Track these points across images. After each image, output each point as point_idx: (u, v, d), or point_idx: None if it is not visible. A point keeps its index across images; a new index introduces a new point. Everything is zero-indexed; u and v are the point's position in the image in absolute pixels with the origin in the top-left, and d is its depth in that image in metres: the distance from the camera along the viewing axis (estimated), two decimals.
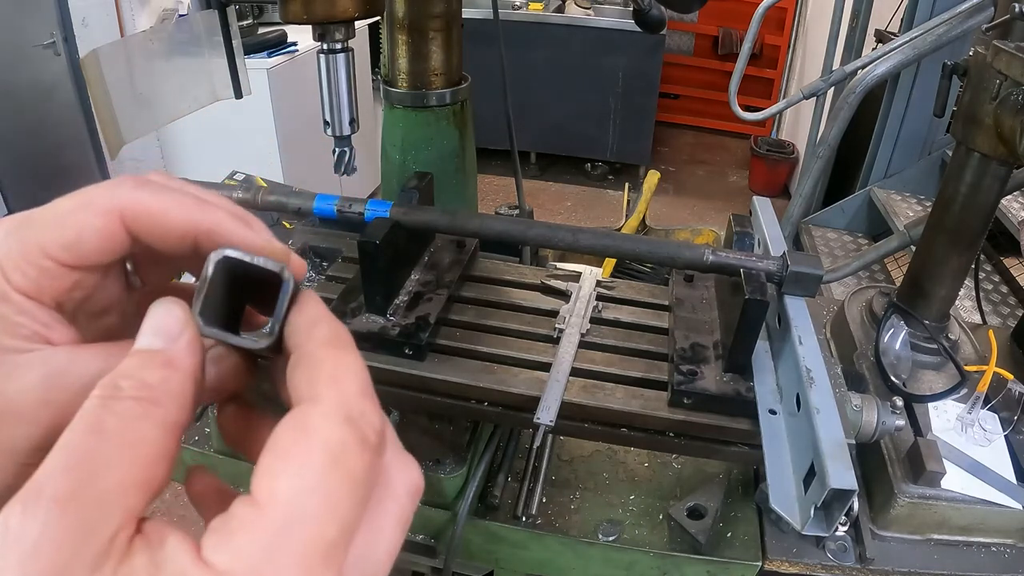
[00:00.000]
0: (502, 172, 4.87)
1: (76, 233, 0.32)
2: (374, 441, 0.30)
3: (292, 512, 0.26)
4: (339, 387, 0.30)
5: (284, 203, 0.99)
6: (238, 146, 3.57)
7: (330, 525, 0.27)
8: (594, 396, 0.88)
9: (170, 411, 0.29)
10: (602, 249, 0.94)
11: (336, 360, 0.32)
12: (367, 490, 0.29)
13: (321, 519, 0.26)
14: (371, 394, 0.31)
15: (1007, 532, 1.02)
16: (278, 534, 0.26)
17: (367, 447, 0.29)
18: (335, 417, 0.29)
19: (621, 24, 4.64)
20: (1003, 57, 0.93)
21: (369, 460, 0.29)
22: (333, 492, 0.27)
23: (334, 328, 0.33)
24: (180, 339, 0.31)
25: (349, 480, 0.28)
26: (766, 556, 1.00)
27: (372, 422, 0.30)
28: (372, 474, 0.30)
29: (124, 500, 0.26)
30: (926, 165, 3.06)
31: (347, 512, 0.28)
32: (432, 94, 1.21)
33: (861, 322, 1.31)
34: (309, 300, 0.34)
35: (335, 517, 0.27)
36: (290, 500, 0.26)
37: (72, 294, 0.34)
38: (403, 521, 0.33)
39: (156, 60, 1.30)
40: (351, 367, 0.32)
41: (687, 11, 1.49)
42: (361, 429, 0.29)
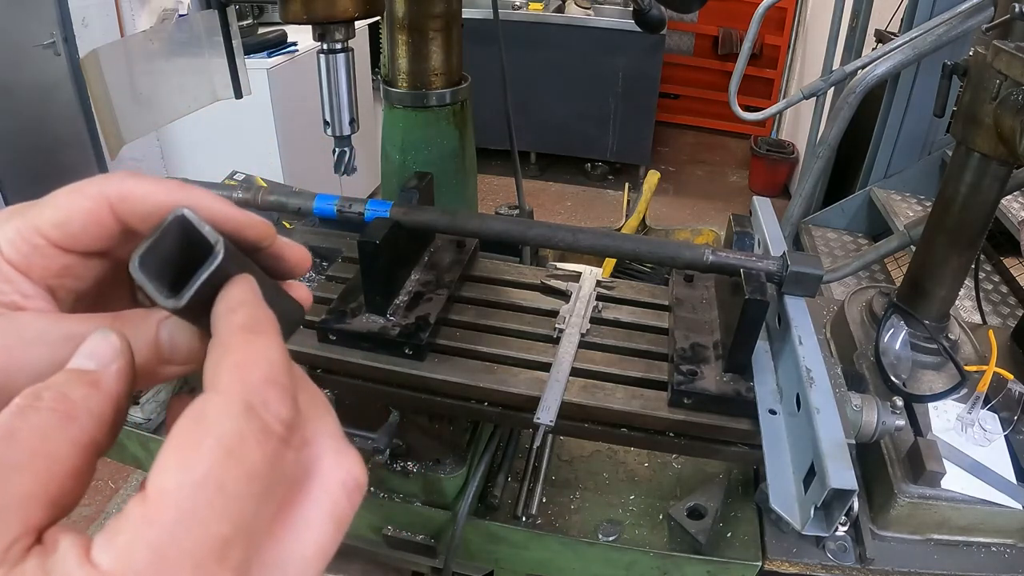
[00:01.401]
0: (502, 172, 4.87)
1: (67, 213, 0.33)
2: (279, 431, 0.28)
3: (180, 508, 0.25)
4: (242, 375, 0.28)
5: (284, 203, 0.99)
6: (238, 146, 3.57)
7: (222, 522, 0.25)
8: (594, 396, 0.88)
9: (87, 429, 0.28)
10: (602, 249, 0.94)
11: (246, 346, 0.30)
12: (271, 484, 0.28)
13: (212, 516, 0.25)
14: (281, 383, 0.29)
15: (1007, 532, 1.02)
16: (165, 532, 0.24)
17: (269, 438, 0.27)
18: (233, 407, 0.27)
19: (621, 24, 4.63)
20: (1003, 57, 0.93)
21: (272, 452, 0.27)
22: (226, 487, 0.26)
23: (253, 313, 0.31)
24: (111, 365, 0.30)
25: (245, 474, 0.26)
26: (766, 556, 1.00)
27: (277, 412, 0.28)
28: (277, 467, 0.28)
29: (24, 512, 0.25)
30: (926, 165, 3.06)
31: (244, 508, 0.26)
32: (432, 94, 1.21)
33: (861, 322, 1.31)
34: (237, 284, 0.32)
35: (228, 513, 0.26)
36: (178, 496, 0.25)
37: (63, 280, 0.35)
38: (336, 517, 0.31)
39: (156, 60, 1.30)
40: (262, 354, 0.30)
41: (687, 11, 1.49)
42: (262, 419, 0.28)
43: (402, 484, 1.04)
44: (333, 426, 0.33)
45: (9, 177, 3.10)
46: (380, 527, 1.08)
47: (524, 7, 4.84)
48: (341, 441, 0.33)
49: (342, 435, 0.33)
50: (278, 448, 0.28)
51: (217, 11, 1.31)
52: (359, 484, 0.33)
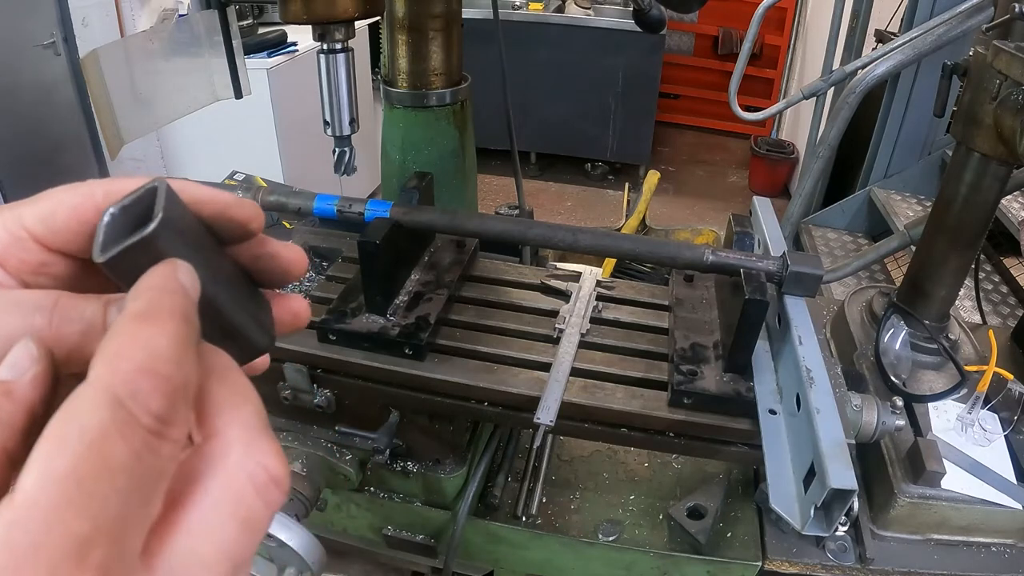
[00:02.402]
0: (502, 172, 4.87)
1: (51, 208, 0.33)
2: (148, 423, 0.26)
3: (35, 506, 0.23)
4: (114, 364, 0.27)
5: (284, 203, 0.99)
6: (238, 146, 3.57)
7: (79, 520, 0.24)
8: (594, 396, 0.88)
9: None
10: (602, 249, 0.94)
11: (130, 334, 0.28)
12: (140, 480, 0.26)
13: (70, 514, 0.24)
14: (160, 372, 0.27)
15: (1007, 532, 1.02)
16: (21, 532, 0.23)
17: (135, 431, 0.26)
18: (99, 398, 0.26)
19: (621, 24, 4.63)
20: (1003, 57, 0.93)
21: (138, 446, 0.26)
22: (84, 483, 0.24)
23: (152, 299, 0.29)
24: (27, 373, 0.29)
25: (106, 469, 0.25)
26: (766, 556, 1.00)
27: (147, 404, 0.26)
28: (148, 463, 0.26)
29: None
30: (926, 165, 3.06)
31: (105, 506, 0.25)
32: (432, 94, 1.21)
33: (861, 322, 1.31)
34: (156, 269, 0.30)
35: (87, 511, 0.24)
36: (34, 493, 0.24)
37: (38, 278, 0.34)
38: (242, 516, 0.29)
39: (156, 60, 1.31)
40: (142, 342, 0.27)
41: (687, 11, 1.49)
42: (130, 411, 0.26)
43: (402, 484, 1.04)
44: (249, 416, 0.31)
45: (9, 177, 3.10)
46: (380, 527, 1.08)
47: (524, 7, 4.83)
48: (256, 432, 0.31)
49: (260, 426, 0.31)
50: (147, 441, 0.26)
51: (217, 11, 1.31)
52: (273, 478, 0.30)
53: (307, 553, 0.83)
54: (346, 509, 1.09)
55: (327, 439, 0.99)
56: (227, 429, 0.30)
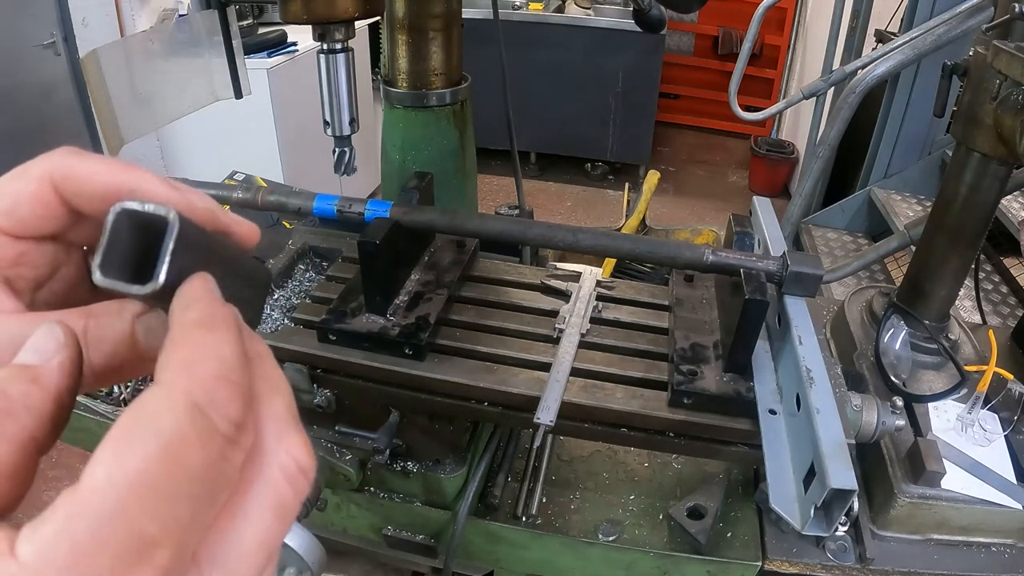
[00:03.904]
0: (502, 172, 4.87)
1: (13, 199, 0.33)
2: (227, 433, 0.27)
3: (106, 503, 0.23)
4: (191, 371, 0.27)
5: (284, 203, 0.99)
6: (238, 146, 3.57)
7: (150, 521, 0.24)
8: (594, 396, 0.88)
9: (26, 426, 0.27)
10: (602, 249, 0.94)
11: (197, 342, 0.28)
12: (211, 487, 0.26)
13: (139, 514, 0.24)
14: (233, 380, 0.28)
15: (1007, 532, 1.02)
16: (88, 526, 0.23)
17: (214, 440, 0.26)
18: (178, 403, 0.26)
19: (621, 24, 4.63)
20: (1003, 57, 0.93)
21: (216, 454, 0.26)
22: (159, 485, 0.24)
23: (207, 309, 0.30)
24: (54, 359, 0.29)
25: (183, 475, 0.25)
26: (766, 556, 1.00)
27: (227, 412, 0.27)
28: (221, 470, 0.26)
29: None
30: (926, 165, 3.06)
31: (178, 510, 0.25)
32: (432, 94, 1.21)
33: (861, 322, 1.31)
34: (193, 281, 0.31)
35: (158, 513, 0.24)
36: (105, 488, 0.24)
37: (19, 269, 0.34)
38: (279, 508, 0.30)
39: (156, 60, 1.31)
40: (214, 350, 0.28)
41: (687, 11, 1.49)
42: (209, 419, 0.26)
43: (402, 484, 1.04)
44: (281, 408, 0.31)
45: None
46: (380, 527, 1.08)
47: (524, 7, 4.83)
48: (285, 424, 0.31)
49: (289, 416, 0.32)
50: (224, 449, 0.26)
51: (217, 11, 1.31)
52: (302, 469, 0.31)
53: (307, 553, 0.83)
54: (346, 509, 1.09)
55: (327, 439, 0.99)
56: (262, 423, 0.30)
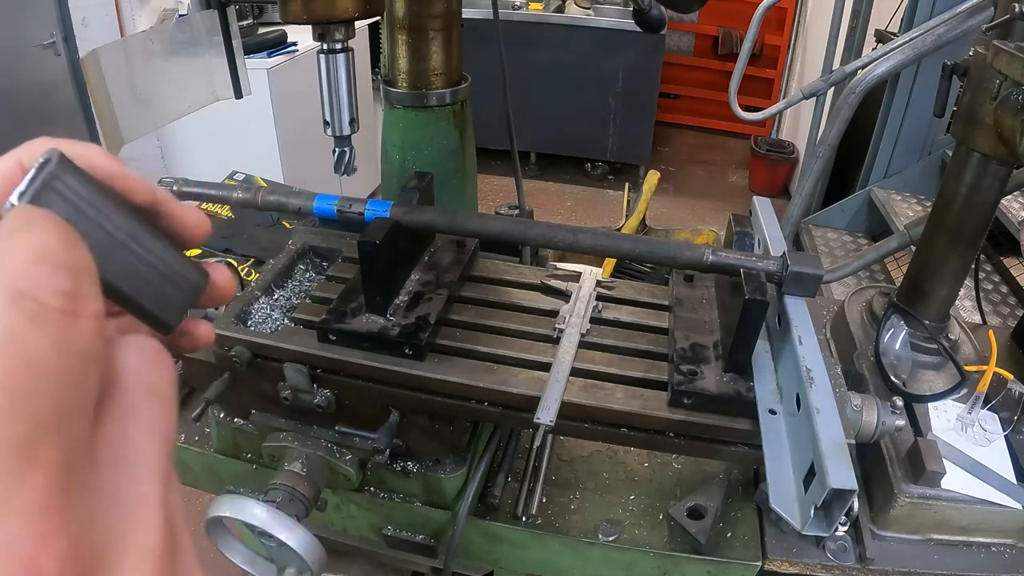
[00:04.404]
0: (502, 172, 4.87)
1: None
2: (61, 306, 0.25)
3: None
4: (5, 268, 0.25)
5: (284, 203, 0.99)
6: (238, 146, 3.57)
7: (18, 422, 0.23)
8: (594, 396, 0.88)
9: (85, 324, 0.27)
10: (602, 249, 0.94)
11: (7, 243, 0.26)
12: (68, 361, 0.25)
13: (4, 418, 0.23)
14: (55, 259, 0.26)
15: (1007, 532, 1.02)
16: None
17: (47, 317, 0.25)
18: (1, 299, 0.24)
19: (621, 24, 4.63)
20: (1003, 57, 0.93)
21: (56, 330, 0.25)
22: (12, 383, 0.23)
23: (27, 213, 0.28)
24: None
25: (30, 365, 0.24)
26: (766, 556, 1.00)
27: (53, 286, 0.25)
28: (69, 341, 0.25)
29: None
30: (926, 165, 3.06)
31: (42, 399, 0.24)
32: (432, 94, 1.21)
33: (861, 322, 1.31)
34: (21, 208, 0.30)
35: (24, 410, 0.23)
36: None
37: None
38: (153, 391, 0.29)
39: (156, 60, 1.31)
40: (24, 241, 0.26)
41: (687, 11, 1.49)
42: (35, 299, 0.25)
43: (402, 484, 1.04)
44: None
45: None
46: (380, 527, 1.08)
47: (524, 7, 4.83)
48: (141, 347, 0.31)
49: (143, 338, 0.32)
50: (63, 323, 0.25)
51: (217, 11, 1.31)
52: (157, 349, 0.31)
53: (307, 553, 0.83)
54: (346, 509, 1.09)
55: (327, 439, 0.99)
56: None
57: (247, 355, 0.94)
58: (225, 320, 0.99)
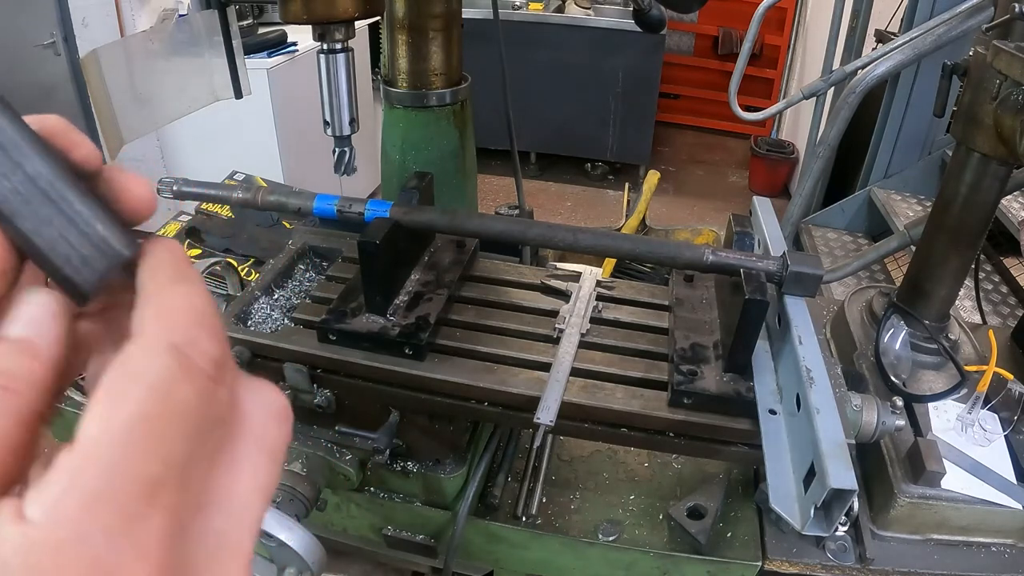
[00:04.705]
0: (502, 172, 4.87)
1: None
2: (207, 369, 0.27)
3: (107, 452, 0.24)
4: (166, 318, 0.28)
5: (284, 203, 0.99)
6: (238, 146, 3.57)
7: (151, 462, 0.25)
8: (594, 396, 0.88)
9: (31, 402, 0.27)
10: (602, 249, 0.94)
11: (169, 293, 0.29)
12: (203, 421, 0.27)
13: (139, 456, 0.24)
14: (209, 325, 0.28)
15: (1007, 532, 1.02)
16: (92, 477, 0.24)
17: (197, 375, 0.27)
18: (160, 347, 0.26)
19: (621, 24, 4.63)
20: (1003, 57, 0.93)
21: (201, 388, 0.27)
22: (154, 427, 0.25)
23: (180, 266, 0.30)
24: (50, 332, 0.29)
25: (175, 411, 0.26)
26: (766, 556, 1.00)
27: (206, 349, 0.27)
28: (208, 403, 0.27)
29: None
30: (926, 165, 3.06)
31: (175, 448, 0.25)
32: (432, 94, 1.21)
33: (861, 322, 1.31)
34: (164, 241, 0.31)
35: (157, 453, 0.25)
36: (103, 439, 0.24)
37: None
38: (268, 449, 0.30)
39: (156, 60, 1.30)
40: (185, 299, 0.29)
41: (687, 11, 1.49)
42: (189, 357, 0.27)
43: (402, 484, 1.04)
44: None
45: None
46: (380, 527, 1.08)
47: (524, 7, 4.83)
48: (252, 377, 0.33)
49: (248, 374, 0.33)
50: (208, 386, 0.27)
51: (217, 11, 1.31)
52: (284, 410, 0.32)
53: (307, 553, 0.83)
54: (346, 509, 1.09)
55: (327, 439, 0.99)
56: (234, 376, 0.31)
57: (247, 355, 0.94)
58: (225, 320, 0.99)
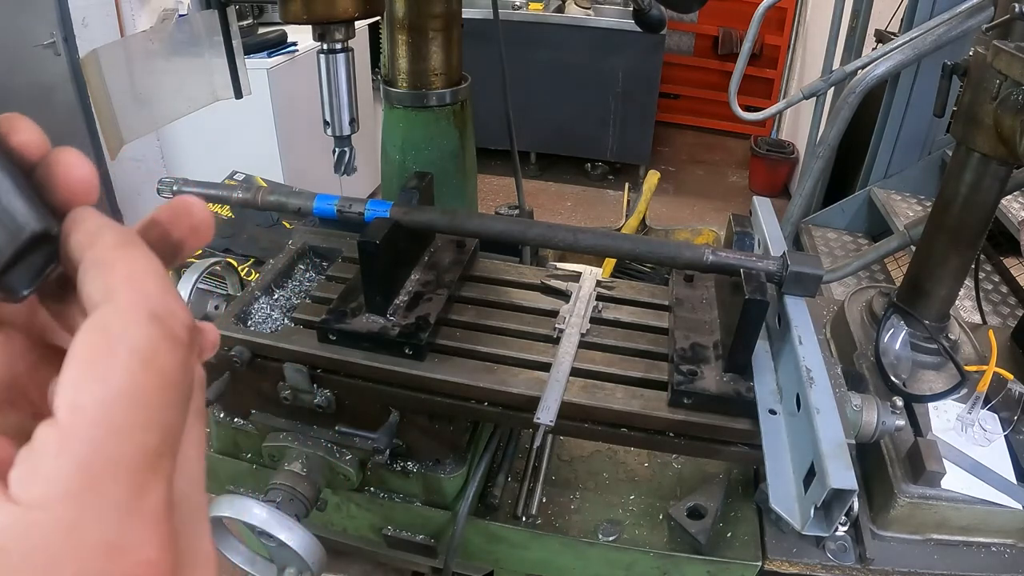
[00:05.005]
0: (502, 172, 4.87)
1: None
2: (185, 338, 0.27)
3: (102, 423, 0.24)
4: (138, 286, 0.27)
5: (284, 203, 0.99)
6: (238, 146, 3.57)
7: (151, 433, 0.25)
8: (594, 396, 0.88)
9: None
10: (602, 249, 0.94)
11: (129, 259, 0.28)
12: (186, 390, 0.27)
13: (139, 427, 0.24)
14: (175, 293, 0.28)
15: (1007, 532, 1.02)
16: (89, 447, 0.23)
17: (179, 345, 0.27)
18: (139, 315, 0.26)
19: (621, 24, 4.63)
20: (1003, 57, 0.93)
21: (182, 358, 0.27)
22: (148, 397, 0.25)
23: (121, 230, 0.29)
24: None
25: (164, 382, 0.26)
26: (766, 556, 1.00)
27: (181, 318, 0.27)
28: (188, 373, 0.27)
29: None
30: (926, 165, 3.06)
31: (168, 417, 0.26)
32: (432, 94, 1.21)
33: (861, 322, 1.31)
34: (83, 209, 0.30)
35: (155, 423, 0.25)
36: (99, 411, 0.24)
37: None
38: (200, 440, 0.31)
39: (156, 60, 1.30)
40: (147, 263, 0.28)
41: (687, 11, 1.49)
42: (170, 326, 0.26)
43: (402, 484, 1.04)
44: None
45: None
46: (380, 527, 1.08)
47: (524, 7, 4.83)
48: None
49: None
50: (186, 354, 0.27)
51: (217, 11, 1.31)
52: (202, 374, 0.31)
53: (307, 553, 0.83)
54: (346, 509, 1.09)
55: (327, 439, 0.99)
56: None
57: (247, 355, 0.94)
58: (225, 320, 0.99)
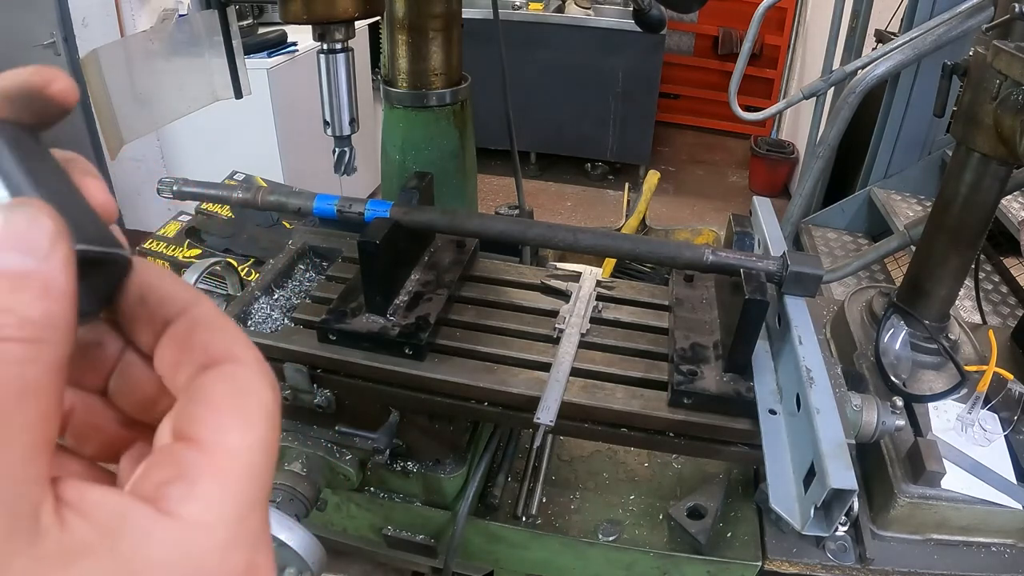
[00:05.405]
0: (502, 172, 4.87)
1: None
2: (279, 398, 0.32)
3: (248, 465, 0.27)
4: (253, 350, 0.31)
5: (284, 203, 0.99)
6: (238, 146, 3.57)
7: (267, 479, 0.28)
8: (594, 396, 0.88)
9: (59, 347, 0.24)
10: (602, 249, 0.94)
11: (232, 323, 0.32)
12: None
13: (265, 473, 0.28)
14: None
15: (1007, 532, 1.02)
16: (239, 485, 0.27)
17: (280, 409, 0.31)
18: (264, 378, 0.30)
19: (621, 24, 4.63)
20: (1003, 57, 0.93)
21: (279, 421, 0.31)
22: (271, 448, 0.29)
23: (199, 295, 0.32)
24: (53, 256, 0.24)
25: (278, 437, 0.30)
26: (766, 556, 1.00)
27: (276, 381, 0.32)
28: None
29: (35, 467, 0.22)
30: (926, 165, 3.06)
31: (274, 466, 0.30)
32: (432, 94, 1.21)
33: (861, 322, 1.31)
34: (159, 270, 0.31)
35: (271, 472, 0.29)
36: (246, 454, 0.27)
37: None
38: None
39: (156, 60, 1.30)
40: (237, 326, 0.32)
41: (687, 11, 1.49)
42: (277, 389, 0.31)
43: (402, 484, 1.04)
44: None
45: None
46: (380, 527, 1.08)
47: (524, 7, 4.83)
48: None
49: None
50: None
51: (217, 11, 1.31)
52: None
53: (307, 553, 0.82)
54: (346, 509, 1.09)
55: (327, 439, 0.99)
56: None
57: None
58: None
